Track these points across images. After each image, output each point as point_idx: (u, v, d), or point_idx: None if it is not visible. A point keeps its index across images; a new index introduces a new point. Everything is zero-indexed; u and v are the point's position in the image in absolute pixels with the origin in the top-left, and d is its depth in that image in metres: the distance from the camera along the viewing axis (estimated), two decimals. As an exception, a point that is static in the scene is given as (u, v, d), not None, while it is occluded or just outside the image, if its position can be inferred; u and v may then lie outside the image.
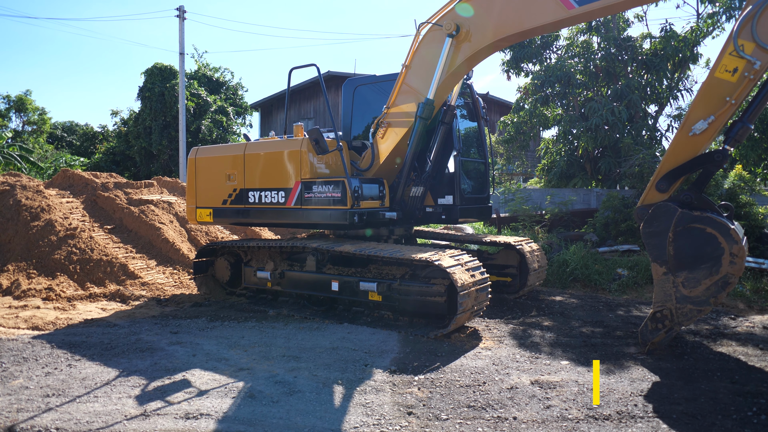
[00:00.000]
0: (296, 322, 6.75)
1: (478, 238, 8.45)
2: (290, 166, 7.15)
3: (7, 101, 42.05)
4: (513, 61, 15.27)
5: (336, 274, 6.95)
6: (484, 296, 6.13)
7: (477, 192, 8.42)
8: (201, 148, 8.39)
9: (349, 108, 8.43)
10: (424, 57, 7.15)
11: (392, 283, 6.44)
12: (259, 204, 7.47)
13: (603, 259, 9.96)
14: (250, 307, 7.52)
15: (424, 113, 6.96)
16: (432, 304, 6.16)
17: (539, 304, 7.81)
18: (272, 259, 7.62)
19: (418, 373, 4.89)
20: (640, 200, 5.73)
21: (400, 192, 7.39)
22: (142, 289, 8.44)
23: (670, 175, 5.52)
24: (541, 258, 8.15)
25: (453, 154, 7.77)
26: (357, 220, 6.73)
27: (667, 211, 5.29)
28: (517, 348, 5.69)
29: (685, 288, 5.23)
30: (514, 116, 16.73)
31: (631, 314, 7.29)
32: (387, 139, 7.47)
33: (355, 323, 6.55)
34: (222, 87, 27.80)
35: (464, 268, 5.99)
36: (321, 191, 6.87)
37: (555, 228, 12.12)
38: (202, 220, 8.18)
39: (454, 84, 7.26)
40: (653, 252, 5.38)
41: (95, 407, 4.17)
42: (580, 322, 6.81)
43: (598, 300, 8.25)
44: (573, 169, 15.37)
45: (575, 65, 14.32)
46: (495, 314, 7.20)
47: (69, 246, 8.92)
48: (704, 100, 5.29)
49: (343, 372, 4.90)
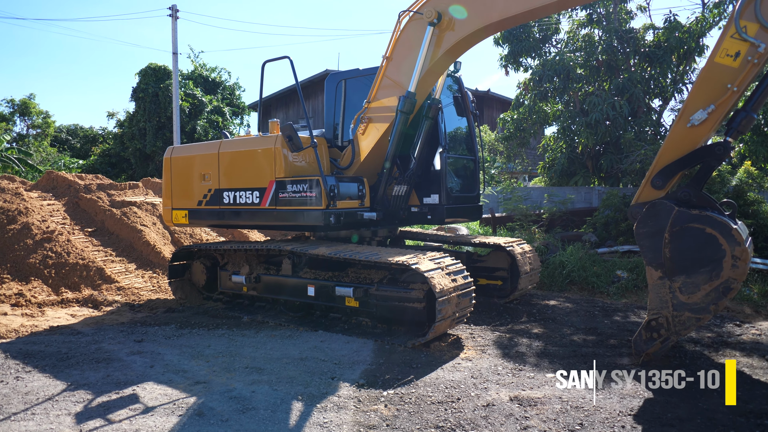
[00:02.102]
0: (269, 329, 6.37)
1: (466, 239, 8.02)
2: (264, 164, 6.77)
3: (12, 105, 42.25)
4: (511, 55, 14.78)
5: (312, 278, 6.56)
6: (466, 302, 5.72)
7: (466, 190, 8.00)
8: (176, 147, 8.05)
9: (332, 103, 8.05)
10: (406, 48, 6.75)
11: (369, 288, 6.04)
12: (233, 205, 7.10)
13: (602, 261, 9.49)
14: (225, 313, 7.15)
15: (405, 107, 6.56)
16: (410, 310, 5.76)
17: (531, 309, 7.37)
18: (248, 262, 7.25)
19: (388, 387, 4.49)
20: (635, 198, 5.28)
21: (382, 191, 6.98)
22: (118, 294, 8.11)
23: (666, 170, 5.06)
24: (533, 260, 7.70)
25: (439, 151, 7.35)
26: (333, 221, 6.34)
27: (663, 210, 4.84)
28: (500, 358, 5.26)
29: (683, 294, 4.78)
30: (513, 113, 16.25)
31: (628, 320, 6.83)
32: (368, 136, 7.08)
33: (331, 330, 6.16)
34: (219, 87, 27.50)
35: (444, 272, 5.57)
36: (295, 191, 6.48)
37: (554, 228, 11.65)
38: (178, 222, 7.83)
39: (437, 76, 6.85)
40: (648, 254, 4.93)
41: (29, 426, 3.82)
42: (572, 329, 6.36)
43: (595, 304, 7.79)
44: (574, 167, 14.86)
45: (575, 59, 13.81)
46: (482, 320, 6.78)
47: (45, 250, 8.61)
48: (703, 88, 4.84)
49: (307, 386, 4.51)
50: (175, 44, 18.76)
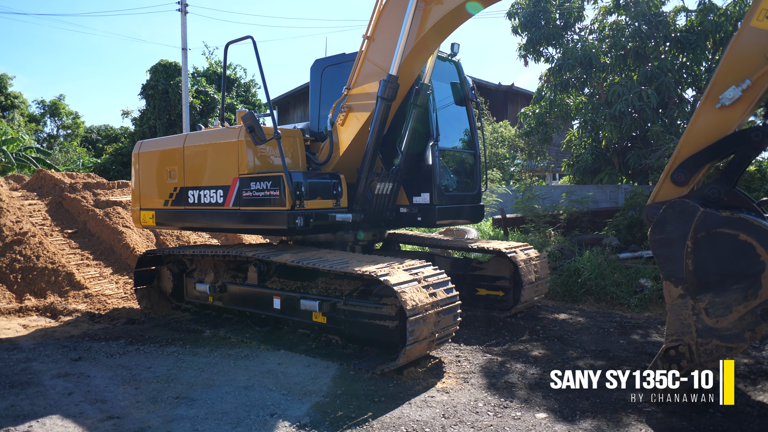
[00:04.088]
0: (227, 347, 5.62)
1: (463, 244, 7.09)
2: (228, 159, 6.03)
3: (42, 106, 43.20)
4: (530, 44, 13.68)
5: (278, 289, 5.78)
6: (449, 321, 4.82)
7: (463, 189, 7.09)
8: (145, 141, 7.40)
9: (317, 93, 7.27)
10: (389, 26, 5.91)
11: (337, 302, 5.22)
12: (198, 205, 6.39)
13: (624, 268, 8.41)
14: (188, 326, 6.44)
15: (385, 93, 5.71)
16: (382, 329, 4.90)
17: (535, 325, 6.40)
18: (214, 269, 6.52)
19: (335, 429, 3.65)
20: (651, 196, 4.28)
21: (362, 189, 6.14)
22: (84, 302, 7.52)
23: (690, 162, 4.05)
24: (540, 268, 6.73)
25: (429, 144, 6.47)
26: (302, 223, 5.54)
27: (685, 211, 3.84)
28: (483, 391, 4.36)
29: (710, 317, 3.77)
30: (535, 107, 15.14)
31: (648, 339, 5.80)
32: (348, 127, 6.26)
33: (295, 350, 5.36)
34: (233, 84, 27.11)
35: (421, 285, 4.69)
36: (258, 189, 5.71)
37: (573, 230, 10.57)
38: (146, 223, 7.18)
39: (423, 57, 5.97)
40: (666, 266, 3.94)
41: None
42: (579, 351, 5.39)
43: (612, 318, 6.76)
44: (599, 164, 13.64)
45: (598, 46, 12.60)
46: (476, 338, 5.86)
47: (14, 253, 8.10)
48: (736, 60, 3.84)
49: (236, 425, 3.71)
50: (185, 39, 18.40)
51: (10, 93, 37.01)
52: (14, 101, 37.17)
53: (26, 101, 39.23)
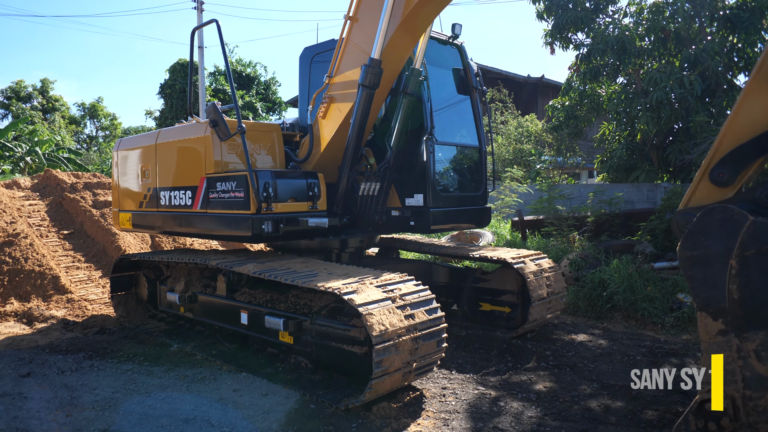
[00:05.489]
0: (188, 366, 5.01)
1: (465, 252, 6.26)
2: (197, 157, 5.44)
3: (82, 108, 44.56)
4: (556, 30, 12.57)
5: (246, 302, 5.13)
6: (430, 348, 4.05)
7: (466, 189, 6.27)
8: (124, 139, 6.94)
9: (306, 83, 6.61)
10: (374, 2, 5.16)
11: (304, 321, 4.52)
12: (169, 207, 5.84)
13: (659, 280, 7.33)
14: (157, 339, 5.89)
15: (367, 79, 4.98)
16: (350, 356, 4.17)
17: (545, 349, 5.51)
18: (186, 277, 5.95)
19: (265, 489, 2.96)
20: (683, 200, 3.37)
21: (342, 190, 5.43)
22: (65, 307, 7.13)
23: (734, 156, 3.12)
24: (554, 281, 5.82)
25: (423, 138, 5.68)
26: (269, 229, 4.88)
27: (729, 220, 2.91)
28: (463, 438, 3.57)
29: (763, 362, 2.85)
30: (564, 99, 14.03)
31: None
32: (330, 119, 5.56)
33: (257, 373, 4.70)
34: (253, 82, 26.86)
35: (395, 305, 3.93)
36: (224, 190, 5.09)
37: (601, 234, 9.52)
38: (125, 226, 6.71)
39: (411, 39, 5.18)
40: (701, 293, 3.02)
41: None
42: (594, 387, 4.49)
43: (641, 342, 5.79)
44: (635, 160, 12.42)
45: (633, 29, 11.38)
46: (472, 363, 5.05)
47: (3, 254, 7.81)
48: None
49: (149, 479, 3.07)
50: (201, 37, 18.16)
51: (52, 96, 38.28)
52: (55, 104, 38.43)
53: (66, 104, 40.45)
